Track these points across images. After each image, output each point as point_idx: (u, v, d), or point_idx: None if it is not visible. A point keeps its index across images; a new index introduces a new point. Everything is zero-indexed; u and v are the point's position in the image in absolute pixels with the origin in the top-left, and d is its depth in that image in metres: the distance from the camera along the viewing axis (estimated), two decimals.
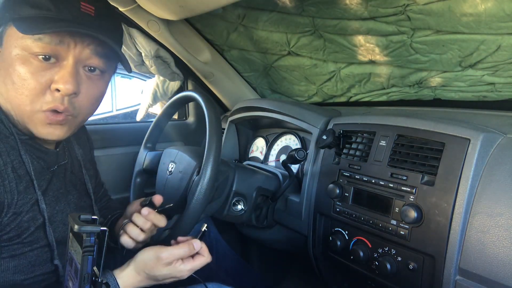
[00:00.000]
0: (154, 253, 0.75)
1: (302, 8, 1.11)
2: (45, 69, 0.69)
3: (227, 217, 1.10)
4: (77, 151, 0.94)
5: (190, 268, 0.77)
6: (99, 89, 0.78)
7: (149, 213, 0.86)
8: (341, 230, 0.97)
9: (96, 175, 1.06)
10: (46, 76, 0.69)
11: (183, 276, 0.77)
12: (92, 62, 0.73)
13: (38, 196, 0.73)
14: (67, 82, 0.69)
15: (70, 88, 0.69)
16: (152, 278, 0.74)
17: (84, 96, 0.74)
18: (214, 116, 0.93)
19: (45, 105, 0.70)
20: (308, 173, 1.09)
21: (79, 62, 0.72)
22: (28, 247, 0.72)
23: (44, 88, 0.69)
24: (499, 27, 0.85)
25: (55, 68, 0.70)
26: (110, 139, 1.47)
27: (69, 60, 0.70)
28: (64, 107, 0.71)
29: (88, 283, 0.60)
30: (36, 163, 0.76)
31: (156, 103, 1.76)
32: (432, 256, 0.76)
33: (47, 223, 0.73)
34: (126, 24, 1.32)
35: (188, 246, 0.77)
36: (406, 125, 0.87)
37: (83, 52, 0.71)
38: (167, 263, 0.74)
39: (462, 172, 0.73)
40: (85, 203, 0.90)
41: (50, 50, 0.68)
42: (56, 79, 0.69)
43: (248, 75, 1.61)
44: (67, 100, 0.71)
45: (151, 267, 0.74)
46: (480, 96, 1.07)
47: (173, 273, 0.75)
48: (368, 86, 1.29)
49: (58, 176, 0.82)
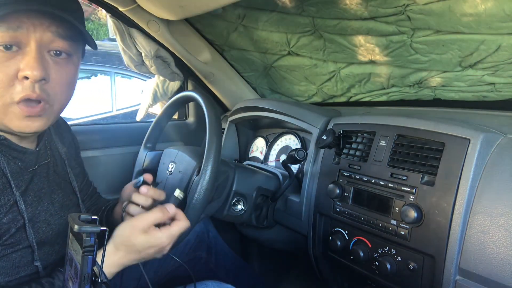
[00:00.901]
0: (129, 222, 0.74)
1: (302, 8, 1.11)
2: (8, 58, 0.66)
3: (227, 217, 1.10)
4: (60, 149, 0.92)
5: (168, 235, 0.74)
6: (69, 73, 0.76)
7: (149, 190, 0.86)
8: (341, 230, 0.97)
9: (83, 174, 1.04)
10: (11, 66, 0.67)
11: (163, 244, 0.74)
12: (56, 45, 0.71)
13: (17, 197, 0.71)
14: (33, 68, 0.67)
15: (38, 73, 0.67)
16: (132, 250, 0.72)
17: (55, 82, 0.72)
18: (214, 116, 0.93)
19: (16, 95, 0.68)
20: (308, 173, 1.09)
21: (43, 47, 0.69)
22: (10, 249, 0.71)
23: (11, 79, 0.67)
24: (499, 27, 0.85)
25: (18, 56, 0.67)
26: (110, 139, 1.47)
27: (31, 45, 0.67)
28: (36, 94, 0.69)
29: (88, 283, 0.60)
30: (13, 163, 0.74)
31: (156, 103, 1.76)
32: (432, 256, 0.76)
33: (27, 224, 0.72)
34: (126, 24, 1.32)
35: (160, 209, 0.76)
36: (406, 125, 0.87)
37: (44, 35, 0.69)
38: (142, 229, 0.72)
39: (462, 172, 0.73)
40: (71, 201, 0.88)
41: (9, 38, 0.65)
42: (22, 66, 0.67)
43: (248, 75, 1.61)
44: (38, 87, 0.69)
45: (128, 237, 0.72)
46: (480, 96, 1.07)
47: (151, 241, 0.73)
48: (368, 86, 1.29)
49: (39, 175, 0.80)
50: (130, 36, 1.36)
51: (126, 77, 4.02)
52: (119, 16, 1.29)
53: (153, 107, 1.78)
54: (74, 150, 1.02)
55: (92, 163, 1.35)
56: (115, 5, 1.23)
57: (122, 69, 3.85)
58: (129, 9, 1.24)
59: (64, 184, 0.88)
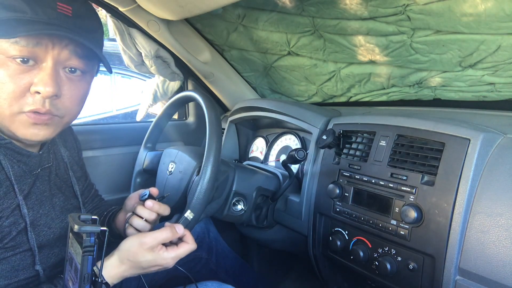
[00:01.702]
0: (136, 238, 0.74)
1: (302, 8, 1.11)
2: (24, 72, 0.68)
3: (227, 217, 1.10)
4: (63, 153, 0.92)
5: (174, 256, 0.75)
6: (82, 90, 0.77)
7: (154, 205, 0.86)
8: (341, 230, 0.97)
9: (85, 177, 1.04)
10: (25, 79, 0.68)
11: (168, 265, 0.75)
12: (72, 63, 0.72)
13: (20, 201, 0.72)
14: (46, 85, 0.68)
15: (50, 90, 0.68)
16: (137, 266, 0.73)
17: (66, 98, 0.73)
18: (214, 116, 0.93)
19: (26, 107, 0.69)
20: (308, 173, 1.09)
21: (59, 64, 0.71)
22: (10, 252, 0.71)
23: (23, 91, 0.68)
24: (499, 27, 0.85)
25: (34, 70, 0.68)
26: (110, 139, 1.47)
27: (48, 62, 0.69)
28: (45, 109, 0.70)
29: (88, 283, 0.60)
30: (17, 167, 0.74)
31: (156, 103, 1.76)
32: (432, 256, 0.76)
33: (28, 228, 0.72)
34: (126, 24, 1.32)
35: (170, 229, 0.77)
36: (406, 125, 0.87)
37: (61, 53, 0.70)
38: (150, 248, 0.73)
39: (462, 172, 0.73)
40: (71, 205, 0.88)
41: (27, 52, 0.67)
42: (36, 81, 0.68)
43: (248, 75, 1.61)
44: (49, 102, 0.70)
45: (134, 253, 0.73)
46: (480, 96, 1.07)
47: (157, 259, 0.74)
48: (368, 86, 1.29)
49: (42, 179, 0.81)
50: (130, 36, 1.36)
51: (126, 77, 4.01)
52: (119, 16, 1.29)
53: (153, 107, 1.78)
54: (77, 153, 1.01)
55: (92, 163, 1.35)
56: (115, 5, 1.23)
57: (122, 69, 3.85)
58: (129, 9, 1.24)
59: (65, 188, 0.89)
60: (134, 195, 0.99)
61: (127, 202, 0.98)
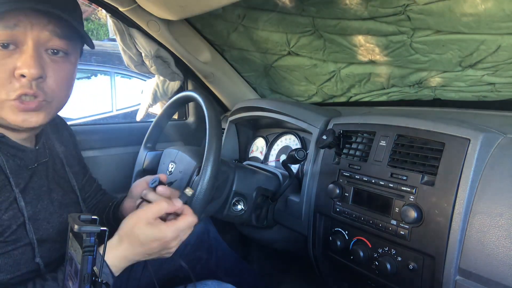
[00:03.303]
0: (133, 213, 0.74)
1: (302, 8, 1.11)
2: (5, 57, 0.67)
3: (227, 217, 1.10)
4: (58, 149, 0.92)
5: (174, 228, 0.73)
6: (66, 72, 0.76)
7: (165, 190, 0.85)
8: (341, 230, 0.97)
9: (84, 171, 1.04)
10: (8, 64, 0.67)
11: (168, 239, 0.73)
12: (54, 44, 0.71)
13: (16, 194, 0.72)
14: (30, 66, 0.67)
15: (34, 72, 0.67)
16: (136, 242, 0.71)
17: (52, 80, 0.73)
18: (214, 116, 0.93)
19: (13, 92, 0.68)
20: (308, 173, 1.09)
21: (40, 45, 0.70)
22: (11, 246, 0.71)
23: (8, 77, 0.67)
24: (499, 27, 0.85)
25: (15, 54, 0.67)
26: (110, 139, 1.47)
27: (29, 43, 0.68)
28: (33, 91, 0.69)
29: (88, 283, 0.60)
30: (12, 161, 0.74)
31: (156, 103, 1.76)
32: (432, 256, 0.76)
33: (26, 221, 0.72)
34: (126, 24, 1.32)
35: (166, 201, 0.75)
36: (406, 125, 0.87)
37: (41, 34, 0.69)
38: (146, 220, 0.72)
39: (462, 172, 0.73)
40: (70, 200, 0.88)
41: (6, 36, 0.66)
42: (19, 65, 0.67)
43: (248, 75, 1.61)
44: (35, 85, 0.69)
45: (131, 227, 0.72)
46: (480, 96, 1.07)
47: (155, 233, 0.72)
48: (368, 86, 1.29)
49: (39, 174, 0.81)
50: (130, 36, 1.37)
51: (126, 77, 4.02)
52: (119, 16, 1.29)
53: (153, 107, 1.78)
54: (73, 148, 1.01)
55: (92, 163, 1.35)
56: (115, 5, 1.23)
57: (122, 69, 3.85)
58: (129, 9, 1.24)
59: (63, 183, 0.89)
60: (141, 182, 0.98)
61: (133, 189, 0.98)
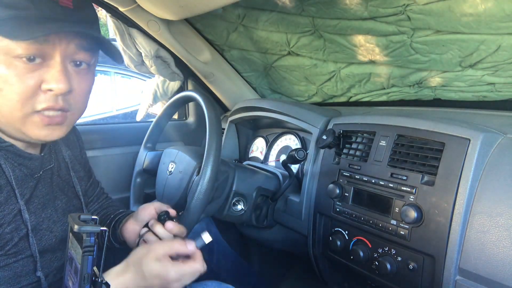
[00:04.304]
0: (147, 246, 0.73)
1: (302, 8, 1.11)
2: (32, 70, 0.65)
3: (227, 217, 1.10)
4: (64, 153, 0.90)
5: (179, 271, 0.71)
6: (89, 83, 0.76)
7: (174, 227, 0.84)
8: (341, 230, 0.97)
9: (88, 176, 1.02)
10: (34, 78, 0.66)
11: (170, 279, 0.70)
12: (79, 56, 0.71)
13: (21, 206, 0.70)
14: (59, 81, 0.66)
15: (63, 87, 0.67)
16: (140, 275, 0.70)
17: (76, 92, 0.72)
18: (214, 116, 0.93)
19: (38, 105, 0.67)
20: (308, 173, 1.09)
21: (66, 59, 0.69)
22: (13, 258, 0.70)
23: (33, 91, 0.66)
24: (499, 27, 0.85)
25: (42, 68, 0.66)
26: (110, 139, 1.47)
27: (56, 57, 0.67)
28: (59, 106, 0.69)
29: (88, 283, 0.60)
30: (18, 170, 0.72)
31: (156, 103, 1.76)
32: (432, 256, 0.76)
33: (30, 234, 0.71)
34: (126, 24, 1.32)
35: (180, 242, 0.74)
36: (406, 125, 0.87)
37: (68, 48, 0.68)
38: (156, 256, 0.70)
39: (462, 172, 0.73)
40: (74, 206, 0.87)
41: (34, 50, 0.65)
42: (47, 79, 0.66)
43: (248, 75, 1.61)
44: (62, 99, 0.69)
45: (140, 259, 0.70)
46: (480, 96, 1.07)
47: (160, 270, 0.70)
48: (368, 86, 1.29)
49: (44, 181, 0.79)
50: (130, 36, 1.37)
51: (126, 77, 4.02)
52: (119, 16, 1.29)
53: (153, 107, 1.78)
54: (79, 151, 0.99)
55: (92, 163, 1.33)
56: (115, 5, 1.23)
57: (122, 69, 3.85)
58: (129, 9, 1.24)
59: (67, 189, 0.87)
60: (148, 207, 0.93)
61: (140, 212, 0.93)
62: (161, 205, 0.93)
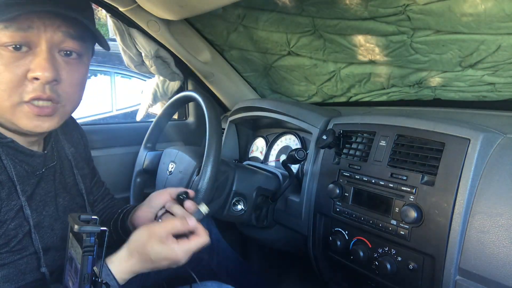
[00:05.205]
0: (146, 229, 0.72)
1: (302, 8, 1.11)
2: (18, 59, 0.64)
3: (227, 217, 1.10)
4: (67, 150, 0.89)
5: (186, 249, 0.71)
6: (80, 74, 0.74)
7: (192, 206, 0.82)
8: (341, 230, 0.97)
9: (92, 174, 1.01)
10: (21, 67, 0.65)
11: (178, 259, 0.70)
12: (67, 45, 0.69)
13: (22, 202, 0.70)
14: (44, 69, 0.65)
15: (49, 75, 0.65)
16: (146, 258, 0.69)
17: (66, 83, 0.70)
18: (214, 116, 0.93)
19: (26, 95, 0.66)
20: (308, 173, 1.09)
21: (54, 47, 0.68)
22: (17, 255, 0.70)
23: (21, 79, 0.65)
24: (499, 27, 0.85)
25: (28, 56, 0.65)
26: (110, 139, 1.47)
27: (42, 45, 0.66)
28: (47, 95, 0.67)
29: (88, 283, 0.60)
30: (20, 167, 0.72)
31: (156, 103, 1.76)
32: (432, 256, 0.76)
33: (32, 230, 0.71)
34: (126, 24, 1.32)
35: (180, 220, 0.73)
36: (406, 125, 0.87)
37: (55, 35, 0.67)
38: (159, 238, 0.69)
39: (462, 172, 0.73)
40: (76, 205, 0.86)
41: (19, 38, 0.63)
42: (32, 67, 0.65)
43: (248, 75, 1.61)
44: (49, 88, 0.67)
45: (143, 244, 0.69)
46: (480, 96, 1.07)
47: (166, 252, 0.69)
48: (368, 86, 1.29)
49: (46, 179, 0.79)
50: (130, 36, 1.37)
51: (126, 77, 4.02)
52: (119, 16, 1.29)
53: (153, 107, 1.78)
54: (83, 149, 0.98)
55: None
56: (115, 5, 1.23)
57: (122, 69, 3.85)
58: (129, 9, 1.24)
59: (70, 187, 0.86)
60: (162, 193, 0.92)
61: (153, 198, 0.92)
62: (176, 189, 0.91)
